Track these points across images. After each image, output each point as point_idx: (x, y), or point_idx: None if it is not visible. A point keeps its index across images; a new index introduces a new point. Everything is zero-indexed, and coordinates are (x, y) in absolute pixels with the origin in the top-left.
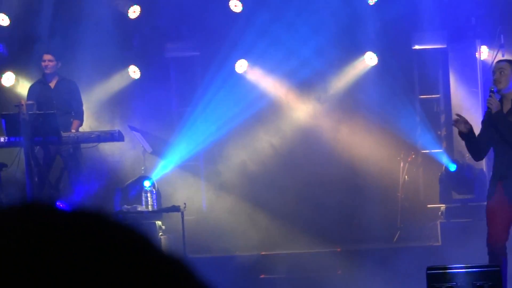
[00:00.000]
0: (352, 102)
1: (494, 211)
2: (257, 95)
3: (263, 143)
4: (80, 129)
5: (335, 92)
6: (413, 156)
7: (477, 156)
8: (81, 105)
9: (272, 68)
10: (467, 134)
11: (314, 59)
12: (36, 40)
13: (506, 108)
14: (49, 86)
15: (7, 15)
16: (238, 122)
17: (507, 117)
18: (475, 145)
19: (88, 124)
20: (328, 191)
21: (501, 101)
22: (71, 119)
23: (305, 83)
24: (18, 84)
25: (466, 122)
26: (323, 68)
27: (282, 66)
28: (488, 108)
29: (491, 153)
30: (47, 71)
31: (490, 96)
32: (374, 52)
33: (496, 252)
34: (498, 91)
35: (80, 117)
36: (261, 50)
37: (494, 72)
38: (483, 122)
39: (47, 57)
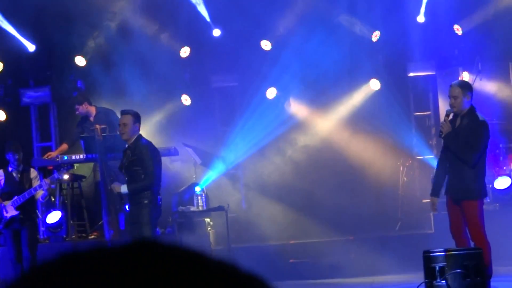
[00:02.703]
0: (360, 119)
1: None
2: (283, 115)
3: (288, 154)
4: None
5: (346, 111)
6: (410, 162)
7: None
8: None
9: (295, 93)
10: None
11: (330, 85)
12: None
13: (459, 124)
14: (90, 120)
15: (84, 57)
16: (268, 138)
17: (458, 135)
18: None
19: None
20: (342, 191)
21: (455, 119)
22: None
23: (322, 104)
24: None
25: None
26: (337, 92)
27: (303, 91)
28: (440, 131)
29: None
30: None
31: (444, 120)
32: (377, 79)
33: (455, 237)
34: (454, 113)
35: None
36: (286, 80)
37: (449, 97)
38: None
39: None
